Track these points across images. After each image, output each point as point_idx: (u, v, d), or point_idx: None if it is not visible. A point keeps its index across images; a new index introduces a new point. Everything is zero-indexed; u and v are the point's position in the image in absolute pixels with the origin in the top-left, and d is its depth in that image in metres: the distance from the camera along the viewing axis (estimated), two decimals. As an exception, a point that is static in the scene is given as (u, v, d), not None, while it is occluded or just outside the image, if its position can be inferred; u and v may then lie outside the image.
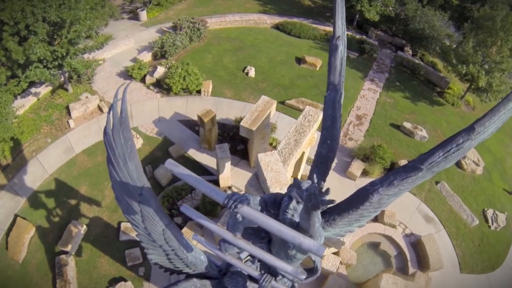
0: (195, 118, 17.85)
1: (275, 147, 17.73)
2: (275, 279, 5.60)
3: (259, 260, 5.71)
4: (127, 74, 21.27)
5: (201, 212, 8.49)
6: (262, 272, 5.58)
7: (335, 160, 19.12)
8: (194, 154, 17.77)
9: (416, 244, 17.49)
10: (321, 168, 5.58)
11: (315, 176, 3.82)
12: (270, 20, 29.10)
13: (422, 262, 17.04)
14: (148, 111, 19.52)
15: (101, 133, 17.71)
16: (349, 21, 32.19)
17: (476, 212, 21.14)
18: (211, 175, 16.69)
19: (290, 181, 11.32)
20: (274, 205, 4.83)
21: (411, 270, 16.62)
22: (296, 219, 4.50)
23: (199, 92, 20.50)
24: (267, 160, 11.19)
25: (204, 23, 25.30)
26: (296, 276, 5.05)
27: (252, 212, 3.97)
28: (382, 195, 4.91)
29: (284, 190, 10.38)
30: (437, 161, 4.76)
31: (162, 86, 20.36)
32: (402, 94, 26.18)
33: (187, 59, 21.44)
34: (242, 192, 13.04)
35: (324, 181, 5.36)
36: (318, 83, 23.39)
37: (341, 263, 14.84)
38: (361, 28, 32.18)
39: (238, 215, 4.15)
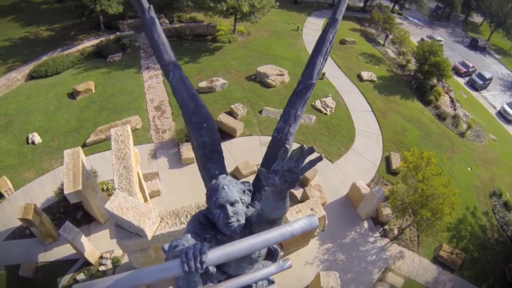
0: (19, 223, 15.78)
1: (108, 189, 17.14)
2: None
3: None
4: None
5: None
6: None
7: (166, 159, 19.53)
8: (46, 257, 15.84)
9: (284, 170, 19.26)
10: (215, 157, 4.94)
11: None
12: (20, 74, 26.26)
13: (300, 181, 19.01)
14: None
15: None
16: (95, 27, 31.55)
17: (308, 111, 24.34)
18: (77, 261, 15.36)
19: (147, 205, 11.15)
20: (205, 229, 4.24)
21: (296, 193, 18.43)
22: (243, 220, 4.07)
23: (1, 195, 18.04)
24: (116, 204, 10.69)
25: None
26: (284, 268, 4.65)
27: (219, 251, 3.17)
28: (293, 134, 5.02)
29: (152, 218, 10.24)
30: (321, 67, 5.21)
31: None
32: (182, 61, 27.50)
33: (-39, 174, 18.41)
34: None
35: (224, 167, 4.94)
36: (102, 103, 22.96)
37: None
38: (111, 28, 31.81)
39: (212, 268, 3.44)
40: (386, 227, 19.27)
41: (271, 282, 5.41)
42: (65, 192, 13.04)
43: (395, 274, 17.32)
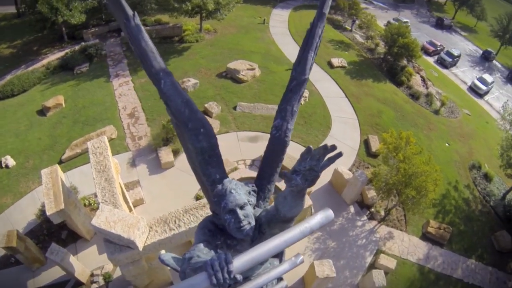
0: (2, 252, 15.24)
1: (90, 204, 16.94)
2: None
3: None
4: None
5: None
6: None
7: (145, 165, 19.36)
8: (35, 283, 15.31)
9: (263, 162, 19.54)
10: (214, 161, 4.85)
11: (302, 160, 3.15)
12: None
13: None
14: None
15: None
16: (58, 39, 30.80)
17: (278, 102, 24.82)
18: (67, 282, 15.04)
19: (135, 216, 11.01)
20: (215, 235, 4.24)
21: (280, 186, 18.51)
22: (253, 222, 4.07)
23: (-23, 225, 17.47)
24: (102, 219, 10.48)
25: None
26: (296, 264, 4.50)
27: (245, 258, 3.07)
28: (291, 130, 5.00)
29: (141, 228, 10.13)
30: (313, 62, 5.24)
31: None
32: (151, 66, 27.31)
33: None
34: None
35: (224, 170, 4.87)
36: (74, 117, 22.54)
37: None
38: (74, 38, 31.07)
39: (239, 277, 3.17)
40: (373, 209, 19.63)
41: (279, 279, 5.33)
42: (48, 213, 12.71)
43: (387, 255, 17.64)
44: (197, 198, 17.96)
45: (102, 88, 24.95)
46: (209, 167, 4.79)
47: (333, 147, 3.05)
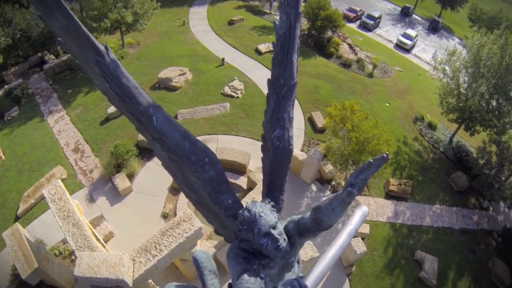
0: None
1: (61, 253, 16.45)
2: None
3: None
4: None
5: None
6: None
7: (104, 197, 19.03)
8: None
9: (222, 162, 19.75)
10: (223, 187, 4.65)
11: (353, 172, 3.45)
12: None
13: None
14: None
15: None
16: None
17: (219, 99, 25.71)
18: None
19: (116, 253, 10.93)
20: (249, 261, 4.15)
21: (240, 183, 19.34)
22: (286, 237, 4.06)
23: None
24: (84, 267, 10.25)
25: None
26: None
27: (313, 275, 3.28)
28: (292, 137, 5.00)
29: (126, 264, 10.07)
30: (297, 64, 5.30)
31: None
32: (82, 93, 26.68)
33: None
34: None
35: (234, 193, 4.75)
36: (18, 167, 21.54)
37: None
38: (-8, 83, 29.33)
39: None
40: (333, 182, 20.58)
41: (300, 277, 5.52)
42: (23, 276, 12.24)
43: (359, 223, 18.56)
44: (164, 216, 17.98)
45: (38, 129, 23.87)
46: (220, 194, 4.63)
47: (387, 155, 3.35)
